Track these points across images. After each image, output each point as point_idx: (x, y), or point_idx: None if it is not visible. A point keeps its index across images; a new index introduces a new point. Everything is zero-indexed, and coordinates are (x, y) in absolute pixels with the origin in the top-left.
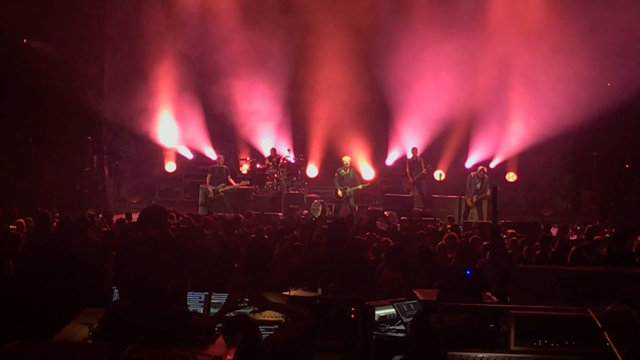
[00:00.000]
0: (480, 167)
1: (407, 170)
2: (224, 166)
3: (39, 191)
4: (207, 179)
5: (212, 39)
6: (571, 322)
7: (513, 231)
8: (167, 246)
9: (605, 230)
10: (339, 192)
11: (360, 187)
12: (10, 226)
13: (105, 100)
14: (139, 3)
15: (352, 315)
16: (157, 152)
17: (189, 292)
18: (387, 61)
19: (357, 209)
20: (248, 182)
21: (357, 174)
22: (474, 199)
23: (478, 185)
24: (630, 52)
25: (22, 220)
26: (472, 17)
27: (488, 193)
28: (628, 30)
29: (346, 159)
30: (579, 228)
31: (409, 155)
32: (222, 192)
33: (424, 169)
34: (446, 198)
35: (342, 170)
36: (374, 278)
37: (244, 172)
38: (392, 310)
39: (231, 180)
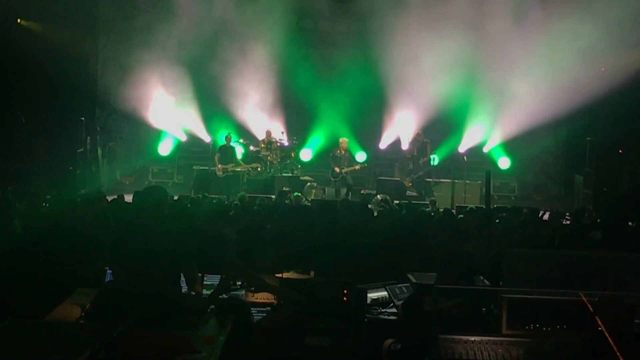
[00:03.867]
0: (409, 148)
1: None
2: (233, 145)
3: (32, 171)
4: (216, 157)
5: (206, 20)
6: (563, 306)
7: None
8: (165, 227)
9: (595, 214)
10: (336, 169)
11: (357, 167)
12: None
13: (98, 80)
14: None
15: (344, 298)
16: (150, 134)
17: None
18: (383, 43)
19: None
20: (258, 165)
21: (352, 155)
22: (409, 180)
23: (410, 167)
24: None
25: None
26: (468, 2)
27: (421, 173)
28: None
29: (343, 140)
30: (567, 215)
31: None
32: (231, 170)
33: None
34: (439, 182)
35: (338, 151)
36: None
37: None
38: (384, 293)
39: (240, 162)
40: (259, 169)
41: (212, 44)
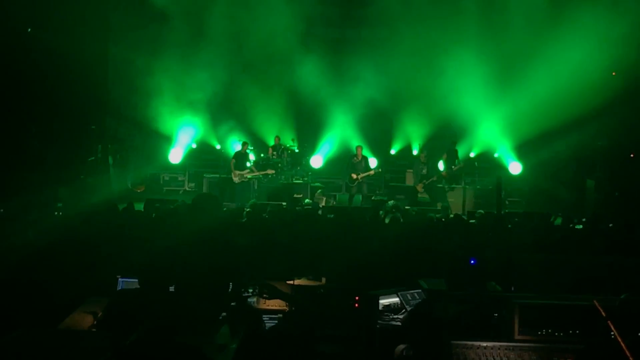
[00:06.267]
0: (422, 154)
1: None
2: (247, 152)
3: (43, 180)
4: (232, 164)
5: (215, 28)
6: (575, 311)
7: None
8: (177, 234)
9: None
10: (353, 176)
11: (371, 172)
12: None
13: (109, 89)
14: None
15: (356, 305)
16: (161, 142)
17: None
18: (393, 49)
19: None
20: (273, 171)
21: (368, 161)
22: (421, 185)
23: (424, 171)
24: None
25: None
26: (477, 6)
27: (435, 178)
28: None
29: (358, 147)
30: (584, 220)
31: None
32: (247, 176)
33: (457, 165)
34: (451, 187)
35: (355, 158)
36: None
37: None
38: (396, 299)
39: (253, 168)
40: (274, 174)
41: (222, 51)
